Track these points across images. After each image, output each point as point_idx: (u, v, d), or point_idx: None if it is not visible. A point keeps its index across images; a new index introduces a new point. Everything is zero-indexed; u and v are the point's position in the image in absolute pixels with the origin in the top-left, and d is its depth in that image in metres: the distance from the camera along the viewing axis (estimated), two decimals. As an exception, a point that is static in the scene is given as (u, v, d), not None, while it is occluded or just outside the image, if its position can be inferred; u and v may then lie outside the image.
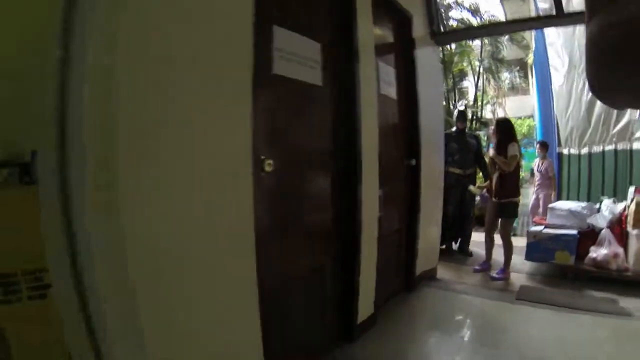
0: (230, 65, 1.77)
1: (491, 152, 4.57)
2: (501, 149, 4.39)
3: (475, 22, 11.76)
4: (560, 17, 4.24)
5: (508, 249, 4.45)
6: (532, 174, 7.70)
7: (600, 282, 4.14)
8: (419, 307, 3.68)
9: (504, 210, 4.43)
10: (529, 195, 7.82)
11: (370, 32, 3.01)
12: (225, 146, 1.74)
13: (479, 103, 13.35)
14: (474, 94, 13.81)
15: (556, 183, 7.38)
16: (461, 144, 5.39)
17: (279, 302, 2.18)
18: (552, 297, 3.92)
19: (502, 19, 12.30)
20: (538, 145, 7.41)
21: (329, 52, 2.61)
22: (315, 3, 2.59)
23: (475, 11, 11.75)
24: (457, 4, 11.28)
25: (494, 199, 4.54)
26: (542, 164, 7.02)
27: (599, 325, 3.31)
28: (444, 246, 5.32)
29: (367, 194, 2.87)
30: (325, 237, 2.69)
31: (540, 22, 6.68)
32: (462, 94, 14.59)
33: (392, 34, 3.69)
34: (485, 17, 11.99)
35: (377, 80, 3.17)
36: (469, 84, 14.62)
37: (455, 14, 11.46)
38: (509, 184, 4.41)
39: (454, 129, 5.59)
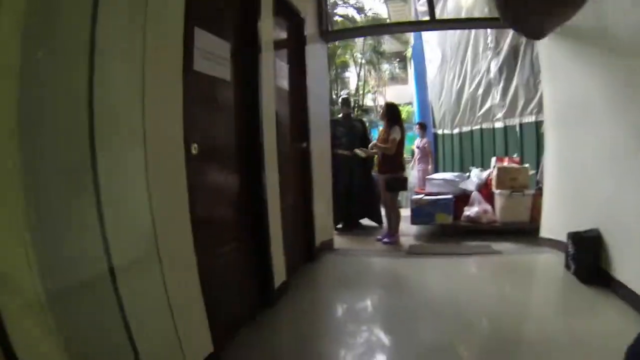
0: (167, 61, 2.06)
1: (374, 142, 5.27)
2: (389, 127, 5.03)
3: (359, 18, 12.63)
4: (432, 22, 5.08)
5: (395, 217, 5.15)
6: (413, 154, 8.74)
7: (476, 234, 5.09)
8: (323, 271, 4.22)
9: (388, 184, 5.07)
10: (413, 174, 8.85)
11: (270, 32, 3.41)
12: (166, 131, 2.04)
13: (361, 92, 14.24)
14: (355, 83, 14.68)
15: (433, 158, 8.53)
16: (347, 128, 6.04)
17: (211, 277, 2.38)
18: (438, 249, 4.80)
19: (385, 16, 13.30)
20: (417, 126, 8.46)
21: (236, 50, 2.96)
22: (225, 6, 2.93)
23: (360, 9, 12.60)
24: (344, 1, 11.98)
25: (380, 175, 5.22)
26: (421, 141, 8.05)
27: (477, 262, 4.30)
28: (340, 225, 5.95)
29: (270, 177, 3.23)
30: (241, 215, 3.02)
31: (416, 26, 7.69)
32: (345, 84, 15.42)
33: (287, 33, 4.12)
34: (370, 14, 12.92)
35: (274, 75, 3.59)
36: (351, 74, 15.45)
37: (341, 10, 12.09)
38: (391, 162, 5.06)
39: (340, 115, 6.24)
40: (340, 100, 6.73)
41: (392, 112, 5.16)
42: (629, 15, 2.92)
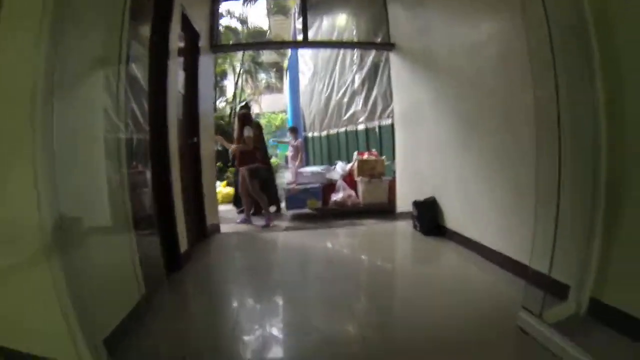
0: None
1: (232, 146, 6.23)
2: (241, 129, 5.97)
3: (242, 29, 13.33)
4: (306, 42, 6.18)
5: (262, 200, 6.08)
6: (287, 161, 9.90)
7: (343, 215, 6.15)
8: (216, 244, 4.99)
9: (251, 173, 5.97)
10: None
11: (175, 45, 4.07)
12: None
13: (238, 100, 14.90)
14: (233, 91, 15.33)
15: (303, 156, 9.67)
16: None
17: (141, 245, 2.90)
18: (311, 225, 5.82)
19: (266, 28, 14.18)
20: (289, 130, 9.65)
21: (150, 56, 3.52)
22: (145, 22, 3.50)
23: (243, 21, 13.24)
24: (229, 13, 12.56)
25: (240, 168, 6.09)
26: (294, 141, 9.20)
27: (345, 231, 5.45)
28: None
29: (173, 168, 3.86)
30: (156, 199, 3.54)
31: (292, 45, 8.79)
32: (223, 92, 15.96)
33: (185, 46, 4.77)
34: (252, 26, 13.62)
35: (176, 81, 4.25)
36: (228, 82, 16.03)
37: (225, 21, 12.56)
38: (250, 156, 6.00)
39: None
40: (240, 105, 7.54)
41: (244, 117, 6.15)
42: (444, 42, 4.26)
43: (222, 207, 6.88)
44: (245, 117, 6.18)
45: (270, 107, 18.54)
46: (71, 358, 1.70)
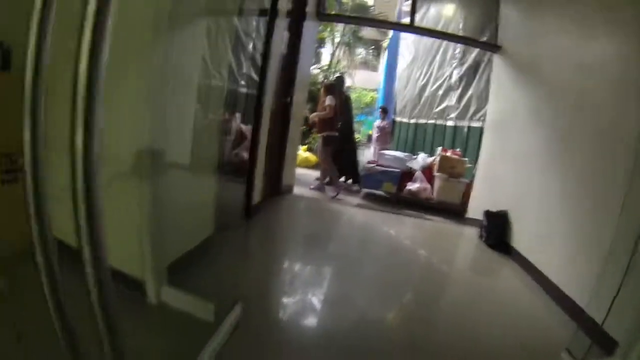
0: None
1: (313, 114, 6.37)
2: (325, 97, 6.11)
3: (347, 0, 13.32)
4: (411, 27, 6.08)
5: (328, 170, 6.23)
6: (370, 139, 9.80)
7: (414, 207, 6.09)
8: (286, 201, 5.21)
9: (324, 139, 6.14)
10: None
11: (284, 6, 4.19)
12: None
13: (332, 70, 14.90)
14: (329, 61, 15.37)
15: (389, 138, 9.59)
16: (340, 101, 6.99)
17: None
18: (380, 207, 5.82)
19: (371, 3, 14.08)
20: (380, 109, 9.50)
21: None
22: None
23: (348, -8, 13.26)
24: None
25: (319, 134, 6.26)
26: (381, 122, 9.07)
27: (412, 222, 5.47)
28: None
29: (264, 125, 4.09)
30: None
31: (397, 26, 8.69)
32: (319, 59, 16.04)
33: (294, 8, 4.85)
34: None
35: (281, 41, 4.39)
36: (325, 50, 16.08)
37: None
38: (328, 123, 6.11)
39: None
40: (335, 77, 7.63)
41: (328, 87, 6.33)
42: (554, 52, 4.02)
43: (300, 170, 7.04)
44: (330, 87, 6.32)
45: (363, 83, 18.37)
46: (134, 272, 1.90)
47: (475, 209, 5.44)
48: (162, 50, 1.87)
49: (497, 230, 4.51)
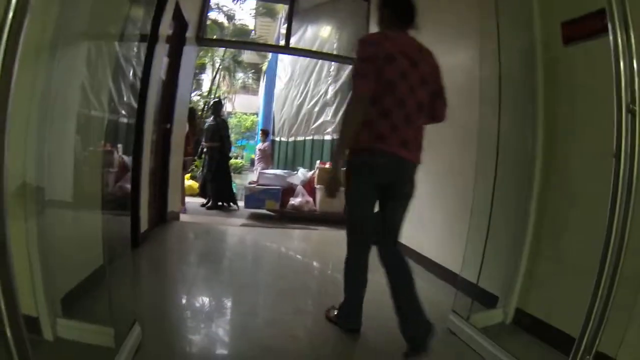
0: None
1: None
2: None
3: (228, 25, 13.48)
4: (287, 48, 6.47)
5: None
6: (253, 163, 10.02)
7: (299, 219, 6.37)
8: (172, 228, 5.17)
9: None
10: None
11: (165, 31, 4.21)
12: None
13: (212, 96, 14.89)
14: (209, 87, 15.35)
15: (272, 160, 9.88)
16: (215, 125, 7.13)
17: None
18: (265, 224, 6.02)
19: (251, 27, 14.38)
20: (261, 132, 9.77)
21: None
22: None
23: (230, 17, 13.47)
24: (218, 7, 12.71)
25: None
26: (262, 145, 9.34)
27: (297, 233, 5.67)
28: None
29: (145, 153, 4.06)
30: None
31: (274, 49, 9.03)
32: (199, 85, 15.96)
33: (174, 33, 4.91)
34: (238, 24, 13.88)
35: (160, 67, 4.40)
36: (206, 76, 16.06)
37: (213, 14, 12.68)
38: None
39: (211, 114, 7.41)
40: (212, 102, 7.71)
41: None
42: None
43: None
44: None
45: (243, 107, 18.57)
46: (29, 309, 1.82)
47: (358, 215, 5.79)
48: (42, 77, 1.84)
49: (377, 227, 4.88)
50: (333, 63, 8.62)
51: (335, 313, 2.60)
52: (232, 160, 12.73)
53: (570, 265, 2.30)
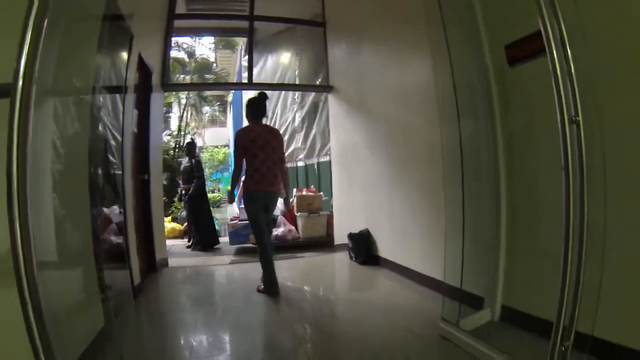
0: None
1: None
2: None
3: (189, 61, 13.66)
4: (250, 84, 6.83)
5: None
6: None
7: (284, 249, 6.40)
8: (164, 276, 5.23)
9: None
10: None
11: (132, 81, 4.31)
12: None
13: (182, 133, 14.95)
14: (177, 124, 15.39)
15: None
16: (190, 166, 7.22)
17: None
18: (253, 259, 6.00)
19: (212, 60, 14.60)
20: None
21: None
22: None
23: (191, 54, 13.67)
24: (177, 45, 12.87)
25: None
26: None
27: (286, 263, 5.71)
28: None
29: (128, 211, 4.10)
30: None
31: (237, 86, 9.23)
32: (167, 125, 15.96)
33: (140, 83, 4.97)
34: (199, 59, 14.08)
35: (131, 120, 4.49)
36: (173, 115, 16.11)
37: (174, 52, 12.80)
38: None
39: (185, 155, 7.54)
40: (186, 144, 7.83)
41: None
42: (376, 87, 4.80)
43: (169, 242, 7.07)
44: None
45: (213, 141, 18.62)
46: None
47: (341, 236, 5.97)
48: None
49: (363, 247, 5.08)
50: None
51: (262, 287, 4.10)
52: (210, 195, 12.75)
53: (545, 255, 2.43)
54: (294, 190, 7.36)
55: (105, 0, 2.93)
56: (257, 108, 4.18)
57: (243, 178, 4.22)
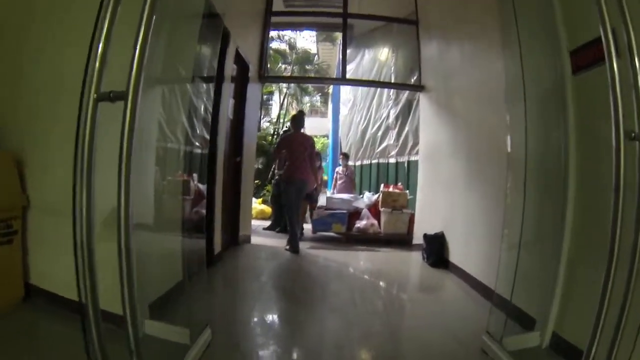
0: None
1: None
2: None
3: (290, 53, 14.21)
4: (344, 80, 7.02)
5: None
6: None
7: (364, 242, 6.60)
8: (244, 250, 5.67)
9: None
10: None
11: (229, 74, 4.74)
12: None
13: (281, 120, 15.29)
14: (277, 112, 15.98)
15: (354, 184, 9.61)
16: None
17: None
18: (332, 246, 6.32)
19: (314, 51, 15.07)
20: (342, 155, 9.44)
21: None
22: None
23: (292, 46, 14.22)
24: (279, 37, 13.40)
25: None
26: (346, 169, 8.97)
27: (364, 254, 6.00)
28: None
29: (218, 188, 4.55)
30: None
31: (331, 81, 9.54)
32: (268, 112, 16.68)
33: (237, 75, 5.41)
34: (300, 50, 14.59)
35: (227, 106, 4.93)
36: (274, 102, 16.79)
37: (275, 44, 13.37)
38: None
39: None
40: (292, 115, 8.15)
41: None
42: (461, 86, 4.78)
43: (256, 222, 7.57)
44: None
45: (313, 130, 19.04)
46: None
47: (419, 235, 5.94)
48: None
49: (435, 249, 5.08)
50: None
51: (288, 246, 5.62)
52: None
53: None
54: (382, 185, 7.43)
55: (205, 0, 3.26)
56: (298, 122, 5.98)
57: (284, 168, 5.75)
